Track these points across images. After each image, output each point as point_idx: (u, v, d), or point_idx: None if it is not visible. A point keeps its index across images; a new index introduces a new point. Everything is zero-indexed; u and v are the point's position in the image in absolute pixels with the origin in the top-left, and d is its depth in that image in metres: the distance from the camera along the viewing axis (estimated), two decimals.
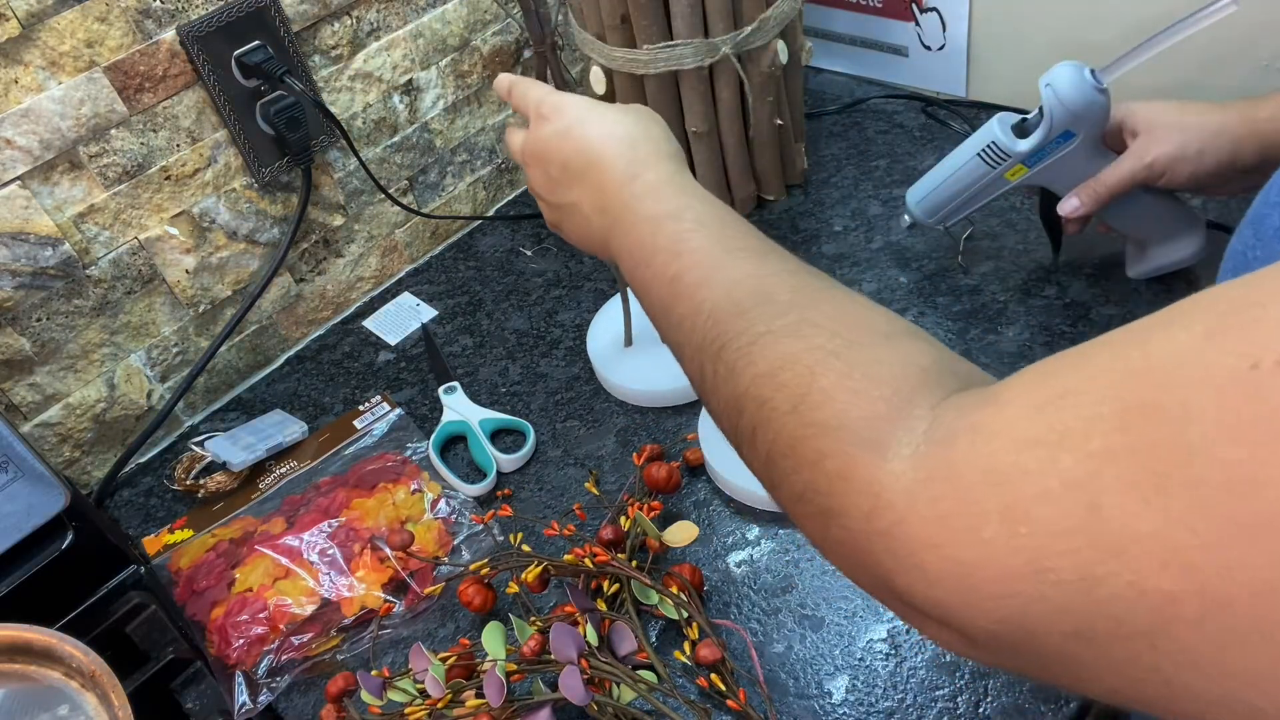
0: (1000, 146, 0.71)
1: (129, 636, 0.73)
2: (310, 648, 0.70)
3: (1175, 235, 0.73)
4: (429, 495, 0.77)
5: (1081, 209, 0.71)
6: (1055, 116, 0.67)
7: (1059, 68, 0.67)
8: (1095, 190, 0.70)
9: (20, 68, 0.73)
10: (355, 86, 0.93)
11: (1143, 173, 0.67)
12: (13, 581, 0.69)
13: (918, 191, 0.81)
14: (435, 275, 1.05)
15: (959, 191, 0.77)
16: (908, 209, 0.84)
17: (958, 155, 0.76)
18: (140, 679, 0.70)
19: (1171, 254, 0.74)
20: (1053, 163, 0.70)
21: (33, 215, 0.76)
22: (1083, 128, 0.68)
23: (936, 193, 0.79)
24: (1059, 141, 0.69)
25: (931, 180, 0.79)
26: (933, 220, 0.81)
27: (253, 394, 0.96)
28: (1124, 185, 0.69)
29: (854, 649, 0.65)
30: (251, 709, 0.68)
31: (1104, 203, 0.70)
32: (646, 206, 0.53)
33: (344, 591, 0.71)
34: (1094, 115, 0.67)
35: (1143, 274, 0.77)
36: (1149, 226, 0.74)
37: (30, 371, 0.81)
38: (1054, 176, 0.72)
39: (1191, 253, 0.73)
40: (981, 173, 0.74)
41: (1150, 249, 0.75)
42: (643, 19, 0.87)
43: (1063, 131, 0.68)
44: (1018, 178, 0.73)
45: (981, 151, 0.73)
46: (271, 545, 0.74)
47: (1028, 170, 0.72)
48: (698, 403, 0.82)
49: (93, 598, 0.74)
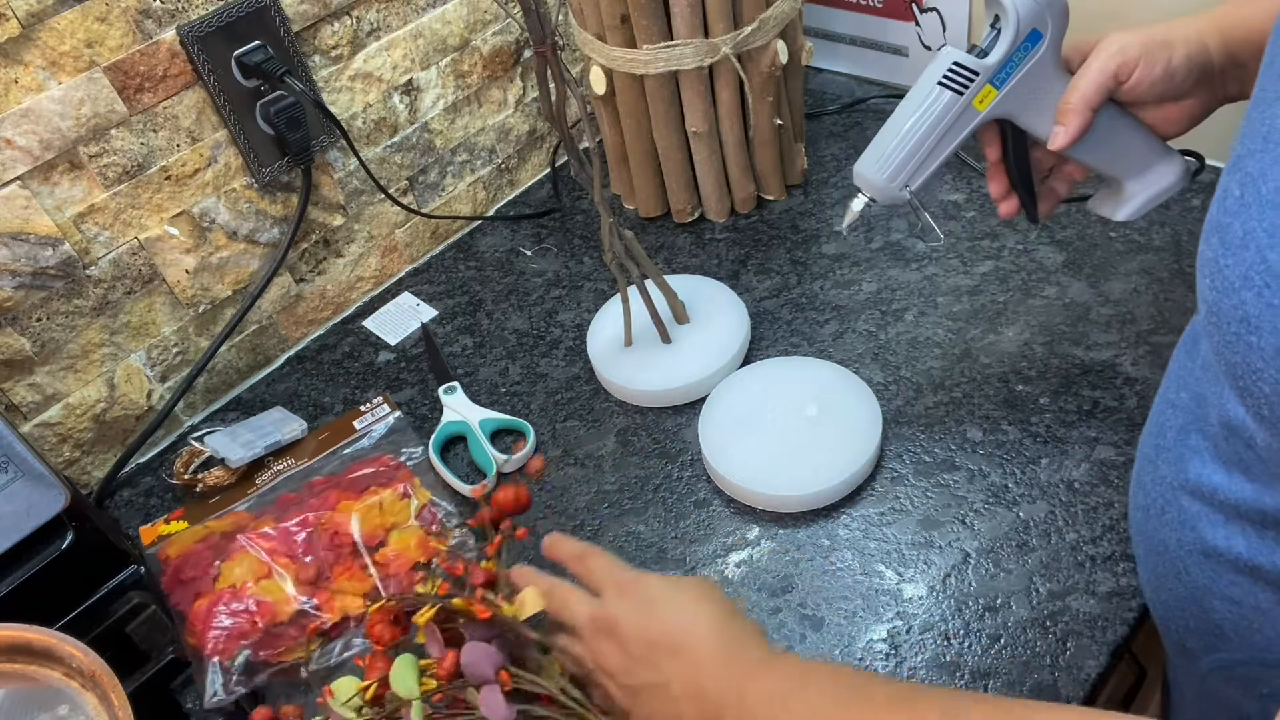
0: (964, 65, 0.63)
1: (129, 636, 0.73)
2: (287, 650, 0.70)
3: (1152, 163, 0.67)
4: (415, 502, 0.77)
5: (1067, 131, 0.63)
6: (1022, 11, 0.62)
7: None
8: (1072, 104, 0.62)
9: (20, 68, 0.73)
10: (355, 86, 0.93)
11: (1113, 64, 0.60)
12: (13, 581, 0.69)
13: (869, 156, 0.68)
14: (435, 275, 1.05)
15: (925, 136, 0.66)
16: (860, 186, 0.70)
17: (912, 98, 0.66)
18: (140, 679, 0.70)
19: (1154, 184, 0.67)
20: (1022, 78, 0.64)
21: (33, 215, 0.76)
22: (1048, 24, 0.63)
23: (897, 148, 0.67)
24: (1026, 46, 0.63)
25: (886, 138, 0.68)
26: (895, 184, 0.68)
27: (253, 394, 0.96)
28: (1099, 85, 0.61)
29: (854, 649, 0.65)
30: (224, 699, 0.68)
31: (1087, 114, 0.63)
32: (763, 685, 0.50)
33: (324, 596, 0.71)
34: (1058, 5, 0.62)
35: (1131, 214, 0.69)
36: (1123, 157, 0.67)
37: (30, 371, 0.81)
38: (1023, 100, 0.65)
39: (1175, 178, 0.67)
40: (946, 104, 0.65)
41: (1128, 185, 0.68)
42: (643, 19, 0.87)
43: (1029, 33, 0.63)
44: (987, 104, 0.65)
45: (944, 78, 0.64)
46: (256, 541, 0.74)
47: (997, 92, 0.65)
48: (698, 403, 0.82)
49: (93, 598, 0.74)
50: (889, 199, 0.68)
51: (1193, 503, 0.50)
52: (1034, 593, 0.65)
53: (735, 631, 0.53)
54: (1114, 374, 0.77)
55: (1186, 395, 0.51)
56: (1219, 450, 0.47)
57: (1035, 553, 0.67)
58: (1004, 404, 0.77)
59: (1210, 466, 0.48)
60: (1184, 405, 0.51)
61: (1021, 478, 0.72)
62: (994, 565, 0.67)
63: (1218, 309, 0.42)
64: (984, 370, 0.80)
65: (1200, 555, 0.50)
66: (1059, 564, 0.66)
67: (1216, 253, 0.42)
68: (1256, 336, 0.39)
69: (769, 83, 0.92)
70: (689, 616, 0.54)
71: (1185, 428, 0.51)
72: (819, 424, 0.77)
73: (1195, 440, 0.49)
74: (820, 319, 0.88)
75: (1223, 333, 0.42)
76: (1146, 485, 0.55)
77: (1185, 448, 0.50)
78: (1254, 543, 0.46)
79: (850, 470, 0.73)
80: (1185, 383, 0.52)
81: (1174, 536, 0.52)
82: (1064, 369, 0.79)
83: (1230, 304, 0.41)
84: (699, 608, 0.54)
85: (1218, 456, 0.47)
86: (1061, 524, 0.69)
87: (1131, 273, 0.85)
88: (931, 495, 0.72)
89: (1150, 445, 0.56)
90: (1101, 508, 0.69)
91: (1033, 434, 0.75)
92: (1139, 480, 0.57)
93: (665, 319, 0.87)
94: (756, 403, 0.79)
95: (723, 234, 1.01)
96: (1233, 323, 0.41)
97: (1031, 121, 0.66)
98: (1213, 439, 0.47)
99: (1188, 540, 0.50)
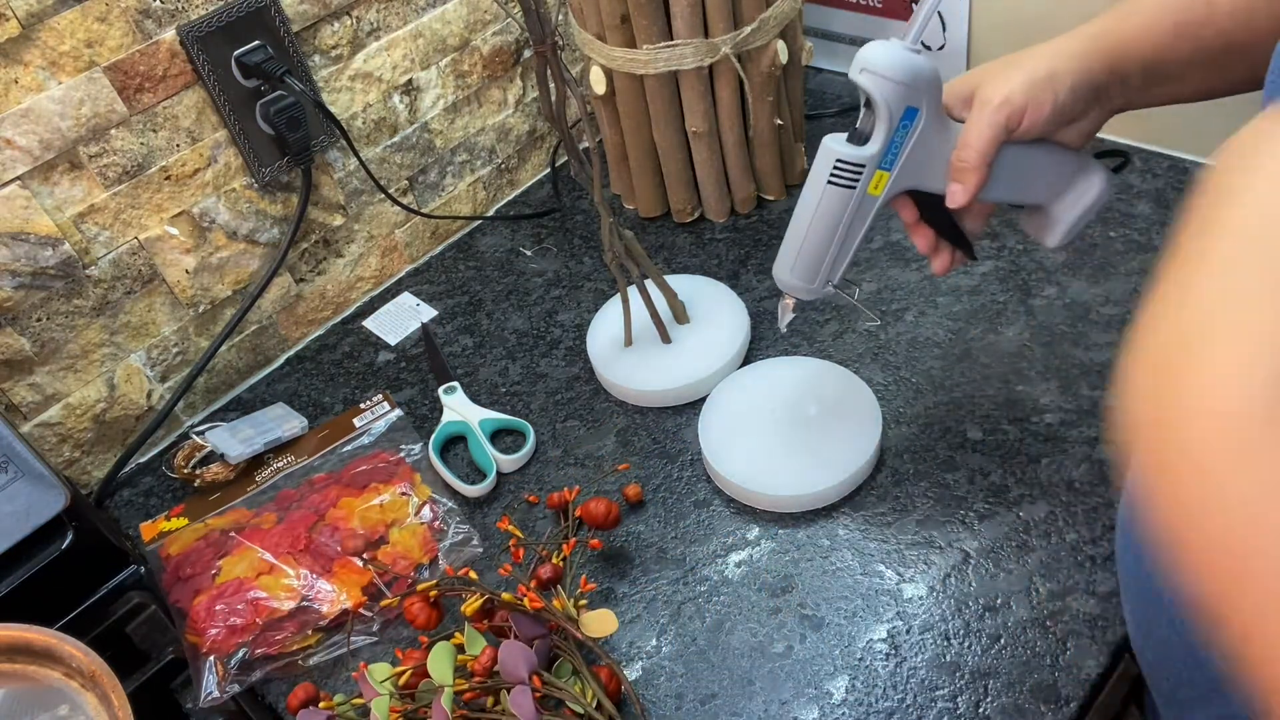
0: (849, 160, 0.61)
1: (129, 636, 0.73)
2: (286, 644, 0.70)
3: (1070, 183, 0.64)
4: (415, 500, 0.77)
5: (965, 189, 0.61)
6: (889, 98, 0.59)
7: (865, 50, 0.59)
8: (964, 159, 0.60)
9: (20, 68, 0.73)
10: (355, 86, 0.93)
11: (1001, 115, 0.58)
12: (13, 581, 0.69)
13: (784, 262, 0.67)
14: (435, 275, 1.05)
15: (828, 235, 0.65)
16: (783, 290, 0.69)
17: (807, 200, 0.65)
18: (140, 679, 0.70)
19: (1080, 202, 0.64)
20: (910, 152, 0.62)
21: (33, 215, 0.76)
22: (921, 98, 0.60)
23: (805, 250, 0.66)
24: (904, 125, 0.61)
25: (792, 241, 0.66)
26: (815, 284, 0.67)
27: (253, 394, 0.96)
28: (989, 139, 0.59)
29: (854, 649, 0.65)
30: (218, 698, 0.68)
31: (983, 169, 0.60)
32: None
33: (324, 592, 0.71)
34: (926, 77, 0.59)
35: (1063, 238, 0.66)
36: (1039, 184, 0.64)
37: (30, 371, 0.81)
38: (918, 170, 0.63)
39: (1100, 190, 0.64)
40: (842, 201, 0.63)
41: (1054, 209, 0.65)
42: (643, 19, 0.87)
43: (904, 112, 0.60)
44: (882, 189, 0.63)
45: (831, 177, 0.62)
46: (256, 539, 0.74)
47: (889, 175, 0.63)
48: (697, 403, 0.82)
49: (93, 598, 0.74)
50: (816, 296, 0.68)
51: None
52: (1034, 593, 0.65)
53: None
54: (1114, 374, 0.77)
55: None
56: None
57: (1035, 553, 0.67)
58: (1004, 404, 0.77)
59: None
60: None
61: (1021, 478, 0.72)
62: (994, 565, 0.67)
63: None
64: (984, 370, 0.80)
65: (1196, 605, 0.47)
66: (1059, 564, 0.66)
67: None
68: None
69: (769, 83, 0.92)
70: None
71: None
72: (819, 424, 0.77)
73: None
74: (820, 319, 0.88)
75: None
76: (1137, 526, 0.51)
77: None
78: None
79: (850, 470, 0.73)
80: None
81: (1168, 584, 0.47)
82: (1064, 369, 0.79)
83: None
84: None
85: None
86: (1061, 524, 0.69)
87: (1131, 273, 0.85)
88: (931, 495, 0.72)
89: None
90: (1101, 508, 0.69)
91: (1033, 434, 0.75)
92: (1128, 521, 0.53)
93: (665, 319, 0.87)
94: (756, 403, 0.79)
95: (723, 234, 1.01)
96: None
97: (933, 184, 0.63)
98: None
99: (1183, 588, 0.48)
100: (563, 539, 0.71)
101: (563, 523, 0.73)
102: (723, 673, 0.65)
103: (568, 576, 0.67)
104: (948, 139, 0.61)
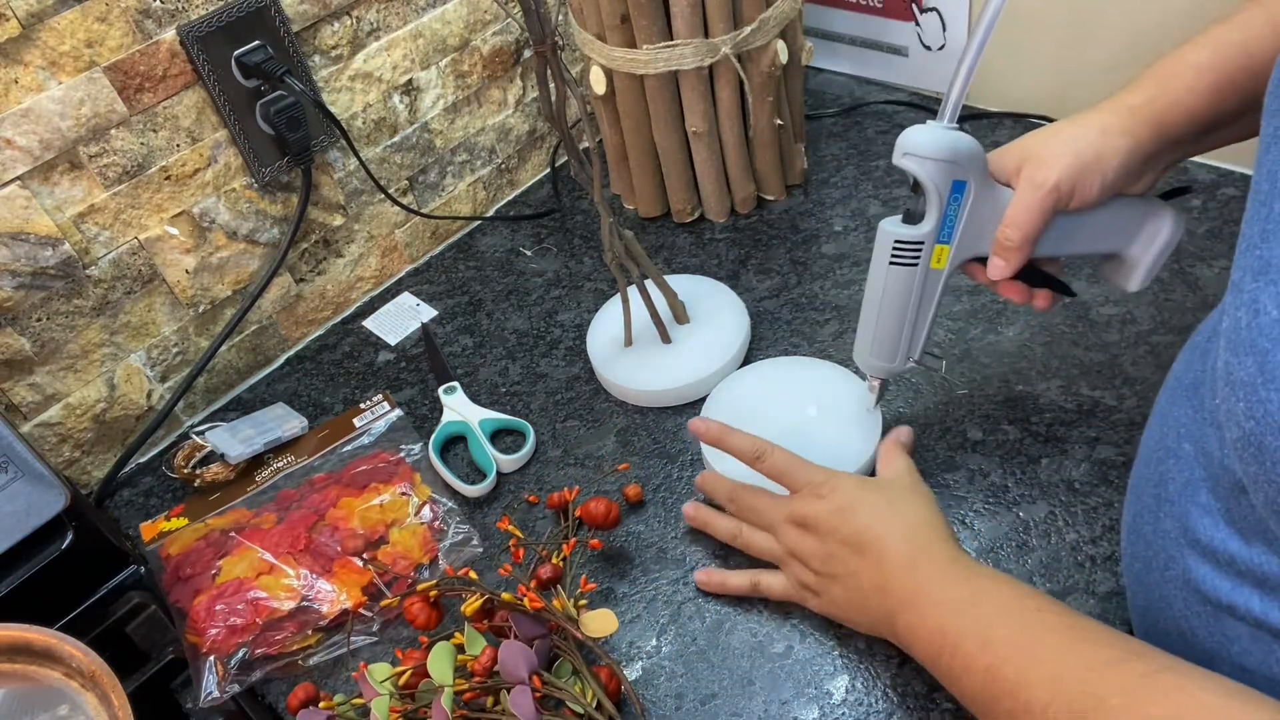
0: (907, 240, 0.63)
1: (129, 636, 0.73)
2: (286, 644, 0.70)
3: (1141, 226, 0.64)
4: (415, 500, 0.77)
5: (1007, 266, 0.62)
6: (934, 177, 0.61)
7: (905, 135, 0.61)
8: (1009, 239, 0.61)
9: (20, 68, 0.73)
10: (355, 86, 0.93)
11: (1049, 201, 0.59)
12: (13, 581, 0.69)
13: (863, 345, 0.70)
14: (435, 275, 1.05)
15: (900, 314, 0.66)
16: (868, 372, 0.72)
17: (874, 283, 0.66)
18: (140, 679, 0.70)
19: (1152, 246, 0.65)
20: (967, 222, 0.63)
21: (33, 215, 0.76)
22: (966, 171, 0.61)
23: (880, 332, 0.68)
24: (954, 199, 0.62)
25: (867, 324, 0.68)
26: (896, 363, 0.69)
27: (253, 394, 0.96)
28: (1035, 223, 0.60)
29: (854, 649, 0.65)
30: (218, 699, 0.68)
31: (1026, 248, 0.61)
32: (937, 591, 0.56)
33: (324, 592, 0.71)
34: (966, 151, 0.60)
35: (1142, 282, 0.67)
36: (1103, 237, 0.65)
37: (30, 371, 0.81)
38: (977, 238, 0.64)
39: (1171, 230, 0.64)
40: (907, 280, 0.65)
41: (1127, 254, 0.66)
42: (643, 19, 0.87)
43: (951, 186, 0.61)
44: (945, 261, 0.65)
45: (893, 259, 0.64)
46: (256, 539, 0.74)
47: (950, 248, 0.64)
48: (697, 403, 0.82)
49: (93, 598, 0.74)
50: (898, 373, 0.71)
51: (1201, 563, 0.45)
52: None
53: (924, 538, 0.59)
54: (1114, 374, 0.77)
55: (1191, 447, 0.47)
56: (1233, 514, 0.43)
57: (1035, 553, 0.67)
58: (1004, 404, 0.77)
59: (1224, 531, 0.44)
60: (1188, 457, 0.47)
61: (1021, 478, 0.72)
62: (994, 565, 0.67)
63: (1260, 444, 0.37)
64: (984, 370, 0.80)
65: (1209, 617, 0.46)
66: (1059, 564, 0.66)
67: (1254, 380, 0.37)
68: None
69: (769, 83, 0.92)
70: (882, 522, 0.61)
71: (1192, 482, 0.46)
72: (819, 424, 0.77)
73: (1205, 499, 0.45)
74: (820, 319, 0.88)
75: (1266, 471, 0.37)
76: (1147, 536, 0.51)
77: (1192, 504, 0.46)
78: (1270, 605, 0.42)
79: (850, 470, 0.72)
80: (1189, 433, 0.48)
81: (1179, 595, 0.48)
82: (1064, 369, 0.79)
83: (1278, 445, 0.36)
84: (891, 512, 0.62)
85: (1232, 521, 0.43)
86: (1061, 524, 0.69)
87: None
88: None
89: (1149, 494, 0.51)
90: (1101, 508, 0.69)
91: (1033, 434, 0.75)
92: (1137, 529, 0.53)
93: (665, 319, 0.87)
94: (756, 403, 0.79)
95: (723, 234, 1.01)
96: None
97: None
98: (1225, 500, 0.44)
99: (1195, 600, 0.47)
100: (563, 539, 0.71)
101: (563, 523, 0.73)
102: (723, 673, 0.65)
103: (568, 576, 0.67)
104: (1000, 205, 0.63)
